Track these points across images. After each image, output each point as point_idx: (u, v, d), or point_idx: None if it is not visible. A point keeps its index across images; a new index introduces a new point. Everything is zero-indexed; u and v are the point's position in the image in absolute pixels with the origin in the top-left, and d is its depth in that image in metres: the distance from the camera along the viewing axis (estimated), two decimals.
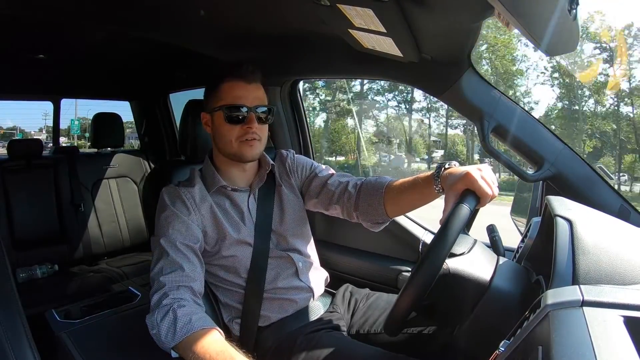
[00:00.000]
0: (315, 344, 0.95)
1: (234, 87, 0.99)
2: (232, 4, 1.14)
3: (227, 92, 0.98)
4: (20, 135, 9.30)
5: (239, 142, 0.99)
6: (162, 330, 0.81)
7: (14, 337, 0.75)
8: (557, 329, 0.47)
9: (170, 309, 0.83)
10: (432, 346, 0.97)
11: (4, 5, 1.15)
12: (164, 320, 0.82)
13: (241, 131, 0.98)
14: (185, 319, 0.81)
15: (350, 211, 1.04)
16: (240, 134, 0.98)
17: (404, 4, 0.79)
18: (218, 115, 0.99)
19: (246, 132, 0.98)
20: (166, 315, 0.82)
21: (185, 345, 0.80)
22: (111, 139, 2.37)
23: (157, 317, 0.83)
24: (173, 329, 0.81)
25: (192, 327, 0.81)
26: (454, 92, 1.11)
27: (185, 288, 0.88)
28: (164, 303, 0.84)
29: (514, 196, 1.41)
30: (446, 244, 0.67)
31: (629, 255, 0.64)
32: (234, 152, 1.00)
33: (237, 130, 0.98)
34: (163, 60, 2.07)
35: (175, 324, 0.81)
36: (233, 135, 0.98)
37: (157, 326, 0.82)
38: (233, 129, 0.98)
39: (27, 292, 1.79)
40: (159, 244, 0.93)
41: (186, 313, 0.83)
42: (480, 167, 0.78)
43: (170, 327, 0.81)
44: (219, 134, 1.00)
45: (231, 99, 0.98)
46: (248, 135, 0.98)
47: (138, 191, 2.42)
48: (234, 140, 0.99)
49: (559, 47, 0.81)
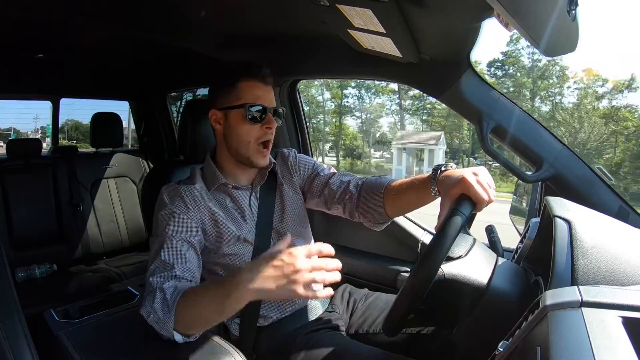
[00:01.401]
0: (314, 343, 0.95)
1: (254, 87, 0.98)
2: (232, 4, 1.14)
3: (247, 92, 0.97)
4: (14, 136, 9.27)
5: (256, 147, 0.98)
6: (157, 310, 0.79)
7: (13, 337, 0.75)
8: (555, 329, 0.48)
9: (156, 289, 0.81)
10: (430, 346, 0.97)
11: (4, 5, 1.14)
12: (154, 301, 0.80)
13: (260, 131, 0.98)
14: (171, 289, 0.81)
15: (352, 211, 1.04)
16: (259, 135, 0.98)
17: (403, 4, 0.79)
18: (236, 113, 0.97)
19: (265, 132, 0.98)
20: (155, 296, 0.80)
21: (181, 310, 0.78)
22: (110, 139, 2.37)
23: (148, 303, 0.81)
24: (165, 303, 0.79)
25: (180, 291, 0.80)
26: (453, 92, 1.11)
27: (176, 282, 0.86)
28: (151, 290, 0.83)
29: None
30: (441, 252, 0.67)
31: (627, 256, 0.64)
32: (249, 156, 0.99)
33: (257, 130, 0.97)
34: (162, 60, 2.07)
35: (165, 297, 0.79)
36: (252, 135, 0.97)
37: (151, 310, 0.80)
38: (253, 128, 0.97)
39: (26, 292, 1.78)
40: (155, 243, 0.92)
41: (171, 285, 0.82)
42: (477, 170, 0.77)
43: (163, 302, 0.79)
44: (235, 133, 0.99)
45: (253, 98, 0.97)
46: (267, 136, 0.98)
47: (137, 191, 2.41)
48: (252, 141, 0.98)
49: (558, 48, 0.81)
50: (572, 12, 0.67)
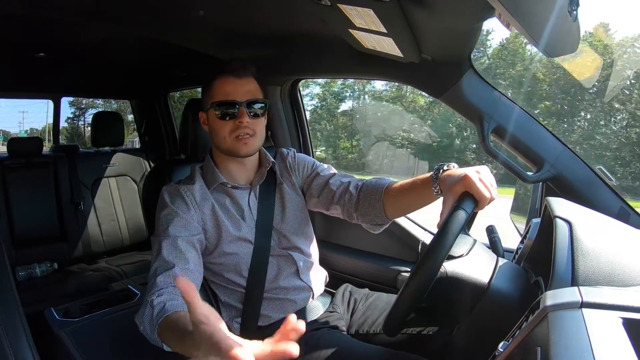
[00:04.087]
0: (316, 342, 0.95)
1: (225, 83, 1.00)
2: (232, 4, 1.14)
3: (218, 89, 1.00)
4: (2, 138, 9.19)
5: (233, 139, 0.99)
6: (145, 324, 0.80)
7: (14, 336, 0.75)
8: (556, 330, 0.48)
9: (150, 302, 0.81)
10: (431, 347, 0.97)
11: (5, 5, 1.14)
12: (144, 315, 0.81)
13: (233, 126, 0.99)
14: (159, 307, 0.80)
15: (351, 212, 1.03)
16: (232, 129, 0.99)
17: (405, 4, 0.79)
18: (211, 112, 1.00)
19: (237, 127, 0.98)
20: (145, 309, 0.81)
21: (163, 332, 0.77)
22: (111, 138, 2.37)
23: (141, 314, 0.82)
24: (151, 320, 0.79)
25: (165, 312, 0.78)
26: (454, 92, 1.11)
27: (174, 288, 0.86)
28: (147, 300, 0.83)
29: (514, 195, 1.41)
30: (443, 249, 0.67)
31: (628, 257, 0.64)
32: (228, 148, 1.01)
33: (230, 125, 0.99)
34: (163, 59, 2.07)
35: (152, 314, 0.79)
36: (226, 131, 0.99)
37: (141, 322, 0.81)
38: (225, 124, 0.99)
39: (27, 291, 1.79)
40: (156, 243, 0.92)
41: (161, 301, 0.81)
42: (479, 169, 0.77)
43: (150, 319, 0.80)
44: (214, 130, 1.02)
45: (222, 95, 0.99)
46: (240, 131, 0.98)
47: (138, 190, 2.42)
48: (227, 136, 0.99)
49: (558, 49, 0.81)
50: (573, 12, 0.67)
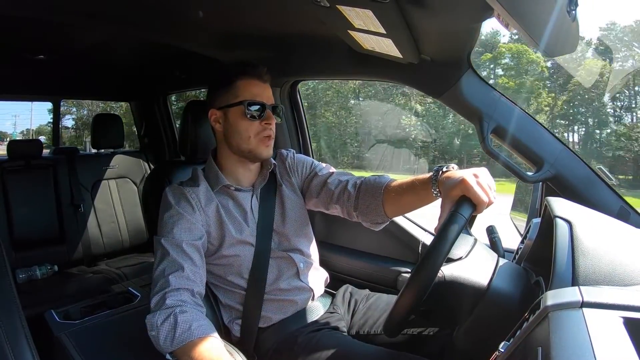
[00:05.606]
0: (316, 343, 0.95)
1: (252, 84, 1.00)
2: (232, 5, 1.14)
3: (245, 89, 1.00)
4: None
5: (258, 140, 1.00)
6: (161, 334, 0.81)
7: (13, 338, 0.75)
8: (556, 330, 0.47)
9: (172, 313, 0.82)
10: (431, 347, 0.97)
11: (5, 6, 1.15)
12: (164, 324, 0.82)
13: (260, 127, 1.00)
14: (185, 326, 0.81)
15: (350, 211, 1.03)
16: (259, 130, 1.00)
17: (404, 5, 0.79)
18: (235, 111, 1.00)
19: (265, 128, 1.00)
20: (167, 320, 0.82)
21: (182, 353, 0.80)
22: (111, 140, 2.37)
23: (158, 320, 0.83)
24: (172, 335, 0.81)
25: (191, 334, 0.80)
26: (453, 93, 1.11)
27: (186, 290, 0.87)
28: (166, 304, 0.84)
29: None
30: (440, 256, 0.67)
31: (628, 257, 0.64)
32: (251, 149, 1.01)
33: (256, 126, 1.00)
34: (163, 60, 2.07)
35: (174, 330, 0.81)
36: (252, 131, 1.00)
37: (156, 329, 0.82)
38: (252, 125, 0.99)
39: (27, 293, 1.79)
40: (161, 244, 0.92)
41: (186, 320, 0.82)
42: (477, 172, 0.76)
43: (170, 332, 0.81)
44: (236, 130, 1.01)
45: (250, 96, 0.99)
46: (267, 132, 1.00)
47: (138, 192, 2.41)
48: (252, 137, 1.00)
49: (558, 48, 0.82)
50: (572, 12, 0.67)
